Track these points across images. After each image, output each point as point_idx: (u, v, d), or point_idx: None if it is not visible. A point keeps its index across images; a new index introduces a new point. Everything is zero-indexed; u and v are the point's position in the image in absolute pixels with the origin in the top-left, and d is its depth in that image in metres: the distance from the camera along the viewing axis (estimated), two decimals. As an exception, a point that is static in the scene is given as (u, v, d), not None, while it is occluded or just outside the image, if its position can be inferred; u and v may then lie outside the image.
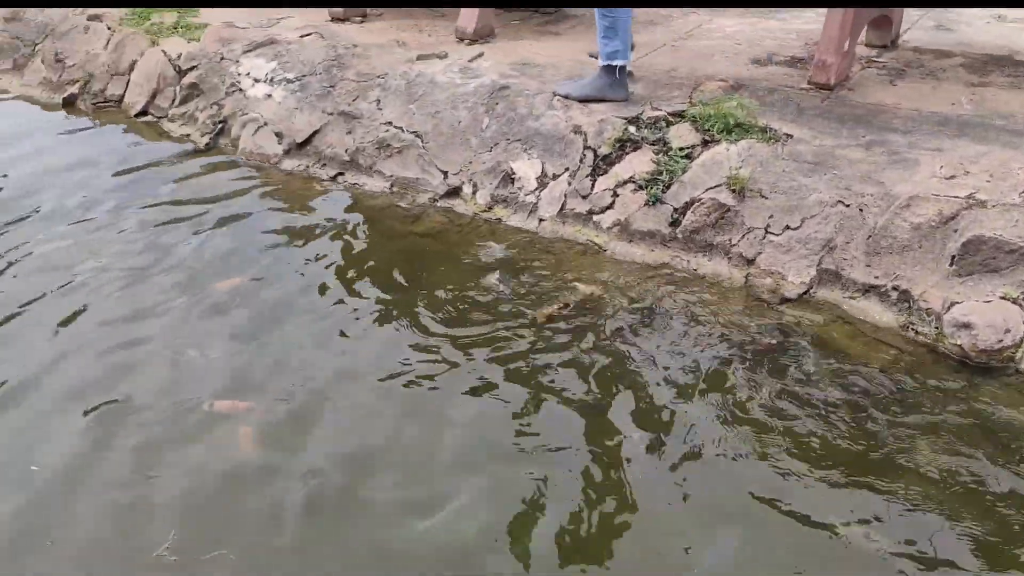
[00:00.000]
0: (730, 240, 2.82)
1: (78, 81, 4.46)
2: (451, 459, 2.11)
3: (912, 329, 2.49)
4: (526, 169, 3.26)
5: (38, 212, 3.39)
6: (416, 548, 1.87)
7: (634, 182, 3.04)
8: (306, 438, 2.19)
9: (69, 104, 4.40)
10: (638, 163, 3.07)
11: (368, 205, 3.43)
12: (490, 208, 3.27)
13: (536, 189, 3.21)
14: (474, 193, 3.32)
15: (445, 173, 3.40)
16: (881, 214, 2.64)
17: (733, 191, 2.84)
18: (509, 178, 3.27)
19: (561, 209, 3.13)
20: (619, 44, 3.29)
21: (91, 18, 4.67)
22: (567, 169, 3.19)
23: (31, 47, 4.74)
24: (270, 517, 1.95)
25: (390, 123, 3.60)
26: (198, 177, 3.71)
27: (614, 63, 3.32)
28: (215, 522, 1.95)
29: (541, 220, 3.15)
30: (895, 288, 2.56)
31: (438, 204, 3.35)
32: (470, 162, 3.38)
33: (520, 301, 2.72)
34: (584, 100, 3.37)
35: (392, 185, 3.49)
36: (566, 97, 3.40)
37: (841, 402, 2.24)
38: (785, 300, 2.66)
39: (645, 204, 2.98)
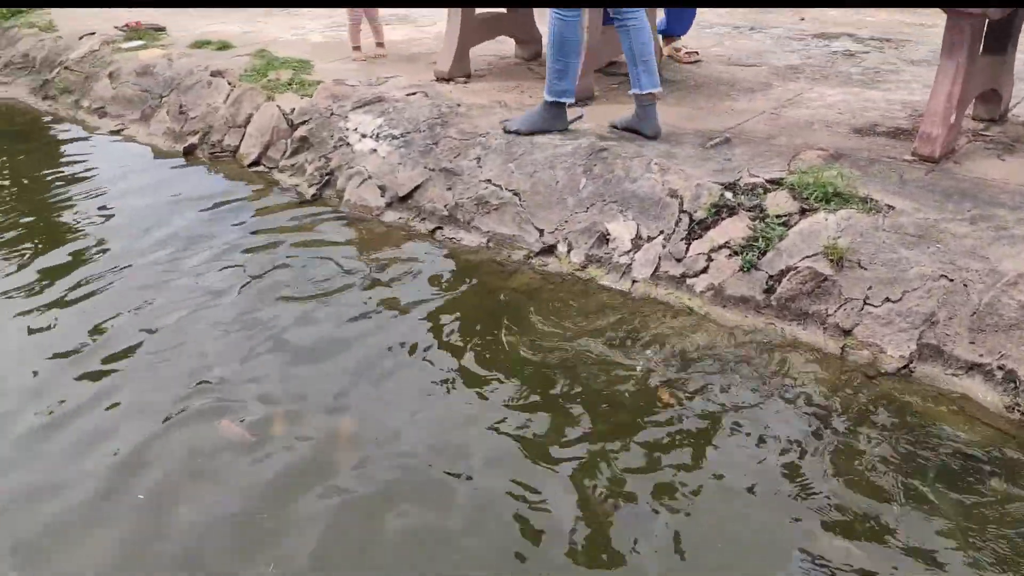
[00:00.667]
0: (826, 310, 2.79)
1: (198, 132, 4.74)
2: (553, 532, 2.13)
3: (1018, 410, 2.41)
4: (621, 230, 3.30)
5: (147, 241, 3.69)
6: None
7: (729, 247, 3.04)
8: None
9: (189, 153, 4.67)
10: (734, 229, 3.08)
11: (465, 259, 3.52)
12: (584, 267, 3.31)
13: (630, 250, 3.25)
14: (569, 252, 3.37)
15: (541, 231, 3.47)
16: (987, 291, 2.58)
17: (831, 261, 2.81)
18: (604, 239, 3.32)
19: (655, 271, 3.16)
20: (568, 84, 3.77)
21: (214, 74, 4.98)
22: (662, 232, 3.22)
23: (158, 99, 5.07)
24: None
25: (489, 181, 3.70)
26: (302, 225, 3.89)
27: (561, 100, 3.79)
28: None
29: (634, 281, 3.18)
30: (1000, 367, 2.49)
31: (533, 261, 3.42)
32: (566, 221, 3.44)
33: (609, 359, 2.74)
34: (531, 132, 3.82)
35: (489, 241, 3.58)
36: (516, 132, 3.83)
37: (937, 479, 2.18)
38: (883, 374, 2.60)
39: (740, 270, 2.98)
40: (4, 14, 6.62)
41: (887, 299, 2.70)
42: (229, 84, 4.88)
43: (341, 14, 6.10)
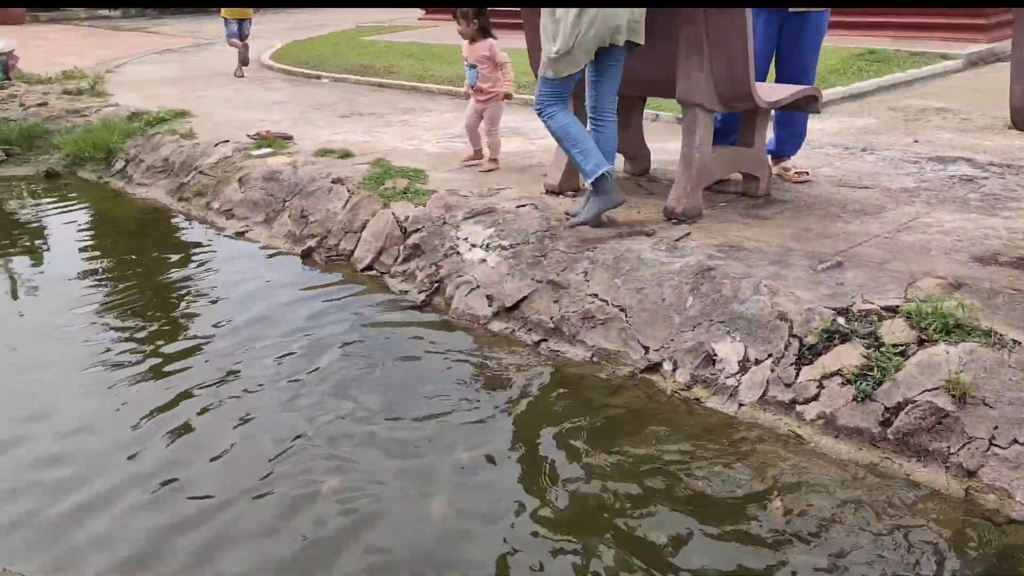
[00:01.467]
0: (948, 448, 2.66)
1: (317, 236, 4.97)
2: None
3: None
4: (728, 351, 3.26)
5: (255, 330, 3.97)
6: None
7: (842, 375, 2.96)
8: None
9: (307, 255, 4.90)
10: (846, 356, 3.00)
11: (568, 372, 3.53)
12: (689, 387, 3.27)
13: (737, 372, 3.20)
14: (674, 371, 3.35)
15: (646, 348, 3.46)
16: None
17: (952, 396, 2.70)
18: (710, 359, 3.28)
19: (763, 395, 3.09)
20: (594, 158, 4.00)
21: (334, 181, 5.25)
22: (770, 355, 3.16)
23: (281, 203, 5.36)
24: None
25: (596, 295, 3.74)
26: (410, 330, 4.00)
27: (600, 171, 3.98)
28: None
29: (741, 405, 3.12)
30: None
31: (637, 378, 3.40)
32: (672, 339, 3.43)
33: (712, 486, 2.67)
34: (596, 219, 4.09)
35: (593, 355, 3.59)
36: (584, 224, 4.09)
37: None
38: (1012, 521, 2.45)
39: (853, 399, 2.89)
40: (150, 121, 7.18)
41: (1015, 440, 2.56)
42: (348, 191, 5.13)
43: (457, 126, 6.38)
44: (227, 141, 6.38)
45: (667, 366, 3.38)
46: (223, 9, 10.37)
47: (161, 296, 4.51)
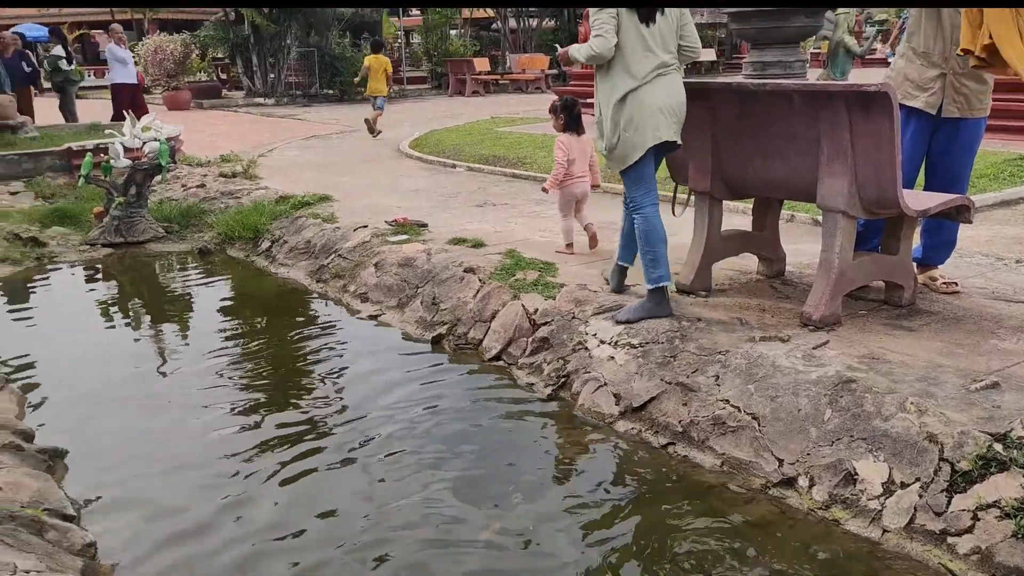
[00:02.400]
0: (1126, 599, 2.41)
1: (447, 323, 5.06)
2: None
3: None
4: (870, 471, 3.08)
5: (377, 412, 4.09)
6: None
7: (999, 508, 2.74)
8: None
9: (436, 342, 4.99)
10: (1005, 487, 2.78)
11: (696, 480, 3.42)
12: (827, 507, 3.10)
13: (881, 495, 3.01)
14: (810, 487, 3.18)
15: (780, 461, 3.31)
16: None
17: None
18: (851, 478, 3.11)
19: (909, 522, 2.89)
20: (663, 271, 4.24)
21: (467, 270, 5.36)
22: (918, 479, 2.97)
23: (414, 289, 5.50)
24: None
25: (727, 401, 3.63)
26: (535, 423, 3.98)
27: (659, 285, 4.24)
28: None
29: (885, 531, 2.92)
30: None
31: (770, 492, 3.25)
32: (808, 453, 3.27)
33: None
34: (639, 320, 4.26)
35: (723, 464, 3.46)
36: (628, 322, 4.26)
37: None
38: None
39: (1013, 535, 2.66)
40: (295, 204, 7.58)
41: None
42: (479, 281, 5.23)
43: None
44: (365, 226, 6.65)
45: (803, 481, 3.22)
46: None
47: (291, 368, 4.70)
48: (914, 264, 4.49)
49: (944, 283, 4.56)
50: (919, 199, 4.08)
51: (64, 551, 2.70)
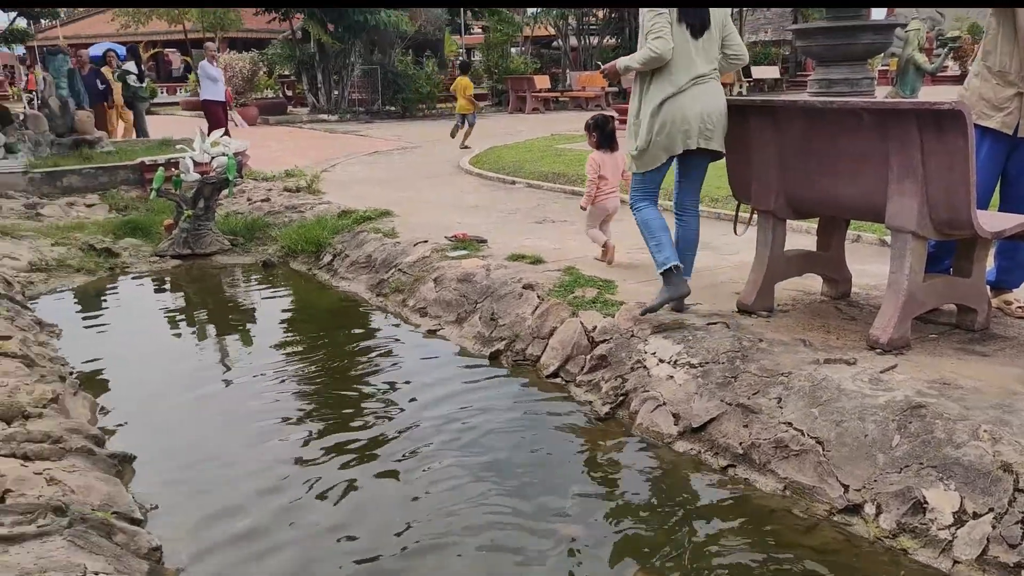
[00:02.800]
0: None
1: (505, 339, 5.07)
2: None
3: None
4: (940, 500, 2.98)
5: (438, 425, 4.11)
6: None
7: (1079, 542, 2.63)
8: None
9: (494, 358, 4.99)
10: (1085, 520, 2.67)
11: (756, 504, 3.35)
12: (894, 536, 3.01)
13: (951, 525, 2.91)
14: (877, 515, 3.09)
15: (845, 487, 3.23)
16: None
17: None
18: (920, 507, 3.01)
19: (982, 554, 2.79)
20: (666, 252, 4.46)
21: (525, 286, 5.37)
22: (991, 510, 2.86)
23: (473, 305, 5.53)
24: None
25: (790, 424, 3.56)
26: (592, 442, 3.95)
27: (668, 266, 4.44)
28: None
29: (956, 562, 2.83)
30: None
31: (834, 519, 3.17)
32: (875, 480, 3.18)
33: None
34: (660, 305, 4.50)
35: (785, 488, 3.39)
36: (652, 311, 4.53)
37: None
38: None
39: (1094, 571, 2.55)
40: (356, 219, 7.69)
41: None
42: (538, 297, 5.23)
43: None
44: (425, 241, 6.71)
45: (869, 509, 3.13)
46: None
47: (349, 380, 4.74)
48: (988, 287, 4.36)
49: (1020, 307, 4.42)
50: (994, 220, 3.97)
51: (131, 554, 2.76)
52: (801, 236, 6.11)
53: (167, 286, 7.04)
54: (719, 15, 4.38)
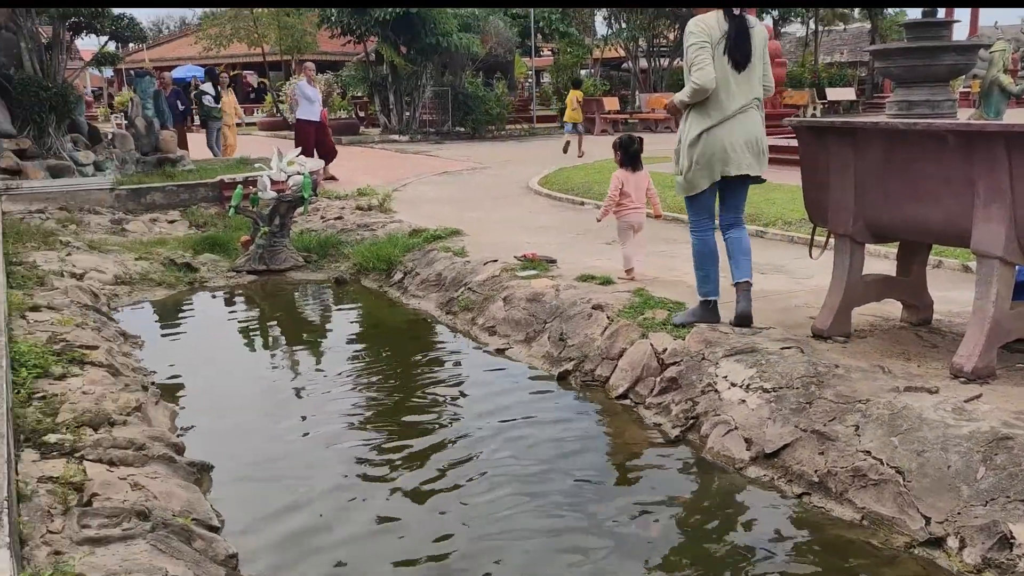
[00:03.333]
0: None
1: (574, 359, 5.06)
2: None
3: None
4: (1029, 536, 2.87)
5: (505, 442, 4.12)
6: None
7: None
8: None
9: (562, 378, 4.99)
10: None
11: (833, 534, 3.27)
12: (979, 571, 2.90)
13: (1041, 562, 2.79)
14: (960, 549, 2.99)
15: (927, 519, 3.13)
16: None
17: None
18: (1006, 541, 2.90)
19: (1074, 594, 2.67)
20: (711, 287, 4.76)
21: (595, 307, 5.36)
22: (1084, 548, 2.74)
23: (542, 324, 5.54)
24: None
25: (868, 452, 3.46)
26: (662, 463, 3.92)
27: (708, 299, 4.76)
28: None
29: (1045, 601, 2.71)
30: None
31: (915, 551, 3.07)
32: (958, 513, 3.07)
33: None
34: (691, 323, 4.76)
35: (863, 518, 3.30)
36: (682, 325, 4.78)
37: None
38: None
39: None
40: (427, 237, 7.78)
41: None
42: (607, 318, 5.21)
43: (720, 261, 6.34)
44: (495, 260, 6.75)
45: (952, 542, 3.03)
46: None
47: (419, 395, 4.81)
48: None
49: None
50: (1086, 247, 3.82)
51: (209, 560, 2.83)
52: (879, 261, 5.97)
53: (243, 301, 7.23)
54: (759, 47, 4.48)
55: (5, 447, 2.82)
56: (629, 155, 6.06)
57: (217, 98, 16.08)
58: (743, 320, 4.67)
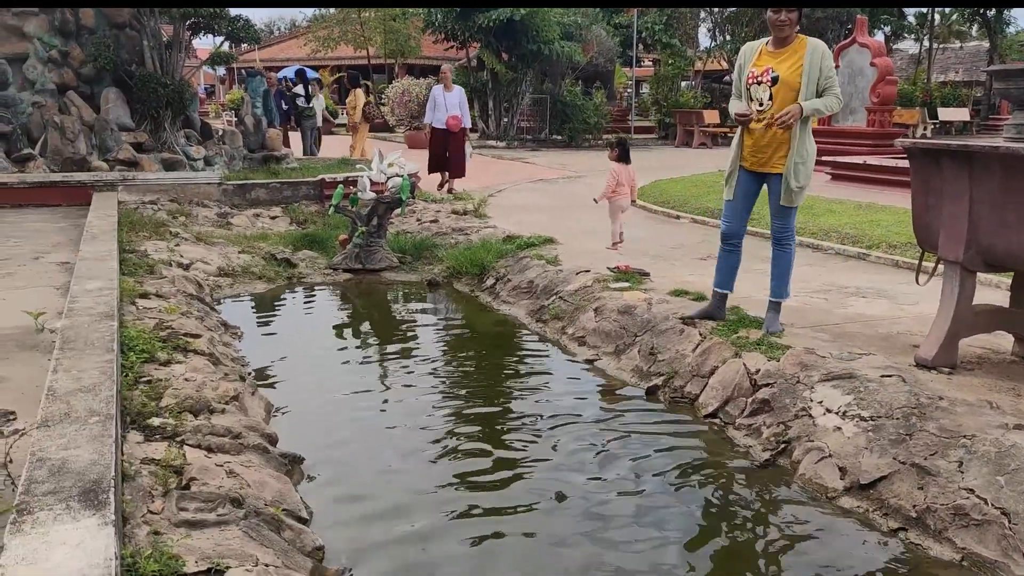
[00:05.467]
0: None
1: (663, 375, 5.00)
2: None
3: None
4: None
5: (590, 456, 4.09)
6: None
7: None
8: None
9: (651, 393, 4.93)
10: None
11: (929, 573, 3.13)
12: (1089, 626, 2.74)
13: None
14: (1069, 601, 2.83)
15: (1034, 566, 2.97)
16: None
17: None
18: (1122, 597, 2.73)
19: None
20: (717, 279, 5.26)
21: (686, 322, 5.28)
22: None
23: (632, 338, 5.49)
24: None
25: (972, 491, 3.31)
26: (750, 487, 3.82)
27: (717, 291, 5.27)
28: None
29: None
30: None
31: (1018, 599, 2.92)
32: (1068, 562, 2.91)
33: None
34: (701, 318, 5.27)
35: (962, 559, 3.15)
36: (690, 318, 5.29)
37: None
38: None
39: None
40: (520, 244, 7.82)
41: None
42: (700, 335, 5.13)
43: (817, 281, 6.16)
44: (588, 271, 6.73)
45: (1060, 593, 2.86)
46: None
47: (505, 400, 4.83)
48: None
49: None
50: None
51: (297, 551, 2.90)
52: (990, 290, 5.71)
53: (338, 298, 7.40)
54: None
55: (114, 428, 2.96)
56: (624, 151, 7.96)
57: (308, 99, 16.54)
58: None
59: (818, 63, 4.64)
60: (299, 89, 16.51)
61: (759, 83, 4.76)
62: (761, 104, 4.77)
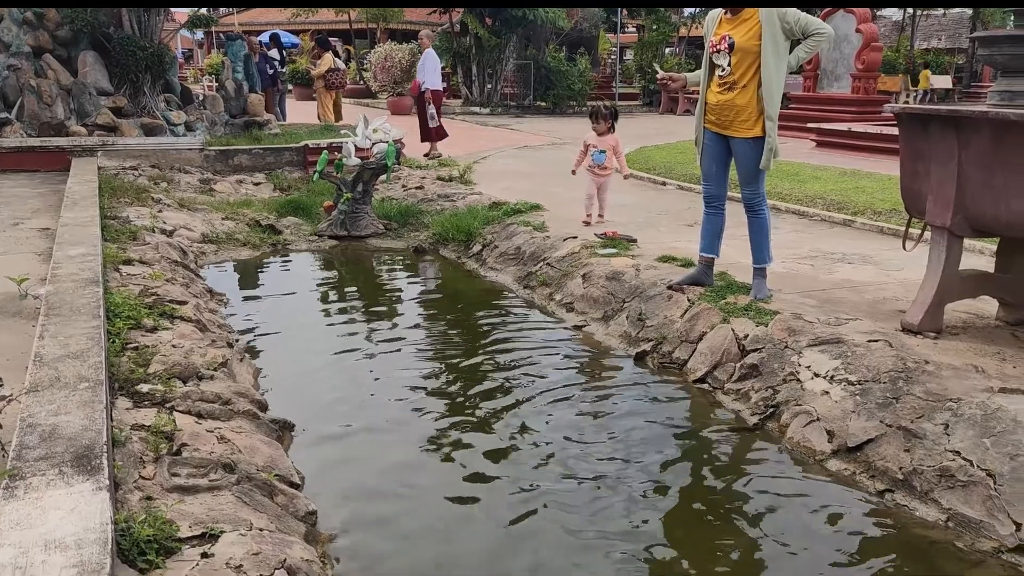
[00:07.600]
0: None
1: (652, 340, 5.01)
2: None
3: None
4: None
5: (578, 421, 4.07)
6: None
7: None
8: None
9: (639, 358, 4.95)
10: None
11: (916, 533, 3.18)
12: (1072, 583, 2.79)
13: None
14: (1053, 559, 2.88)
15: (1018, 525, 3.01)
16: None
17: None
18: (1104, 555, 2.78)
19: None
20: (702, 243, 5.29)
21: (673, 289, 5.28)
22: None
23: (620, 303, 5.50)
24: None
25: (957, 453, 3.35)
26: (739, 452, 3.86)
27: (702, 255, 5.31)
28: None
29: None
30: None
31: (1003, 556, 2.97)
32: (1052, 521, 2.96)
33: None
34: (689, 284, 5.28)
35: (948, 520, 3.20)
36: (676, 286, 5.29)
37: None
38: None
39: None
40: (507, 211, 7.78)
41: None
42: (688, 301, 5.14)
43: (805, 247, 6.18)
44: (575, 237, 6.72)
45: (1044, 551, 2.92)
46: None
47: (492, 367, 4.82)
48: None
49: None
50: None
51: (290, 515, 2.91)
52: (975, 256, 5.75)
53: (324, 264, 7.36)
54: None
55: (104, 394, 2.93)
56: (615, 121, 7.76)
57: (283, 63, 16.35)
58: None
59: (775, 20, 4.63)
60: (274, 53, 16.29)
61: (718, 51, 4.83)
62: (723, 70, 4.84)
